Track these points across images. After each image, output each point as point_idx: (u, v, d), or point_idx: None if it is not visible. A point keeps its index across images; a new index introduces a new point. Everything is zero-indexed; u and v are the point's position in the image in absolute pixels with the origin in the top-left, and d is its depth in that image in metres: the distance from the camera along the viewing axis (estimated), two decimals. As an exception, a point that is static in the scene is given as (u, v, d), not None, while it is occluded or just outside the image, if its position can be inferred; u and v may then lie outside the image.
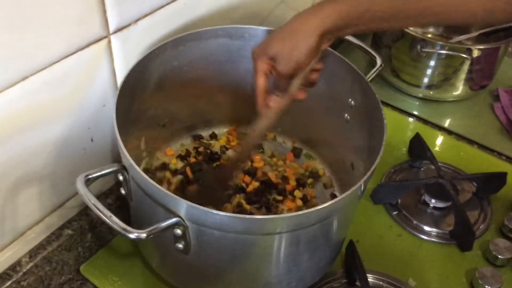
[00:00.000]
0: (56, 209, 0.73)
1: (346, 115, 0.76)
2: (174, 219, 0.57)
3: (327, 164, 0.87)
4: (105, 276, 0.77)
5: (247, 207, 0.78)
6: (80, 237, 0.75)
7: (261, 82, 0.65)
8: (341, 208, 0.62)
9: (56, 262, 0.73)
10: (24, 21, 0.54)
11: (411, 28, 1.05)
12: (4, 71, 0.55)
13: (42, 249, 0.71)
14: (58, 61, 0.60)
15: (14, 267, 0.69)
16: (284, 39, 0.63)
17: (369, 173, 0.59)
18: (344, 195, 0.58)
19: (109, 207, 0.78)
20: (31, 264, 0.69)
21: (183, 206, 0.56)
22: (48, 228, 0.73)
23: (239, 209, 0.77)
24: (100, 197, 0.78)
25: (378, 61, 0.74)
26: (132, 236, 0.54)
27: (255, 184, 0.82)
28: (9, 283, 0.67)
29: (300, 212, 0.56)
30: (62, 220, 0.74)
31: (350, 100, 0.74)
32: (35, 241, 0.71)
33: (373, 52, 0.75)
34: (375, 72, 0.73)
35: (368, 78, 0.70)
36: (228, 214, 0.55)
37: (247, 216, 0.57)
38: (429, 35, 1.22)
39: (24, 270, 0.69)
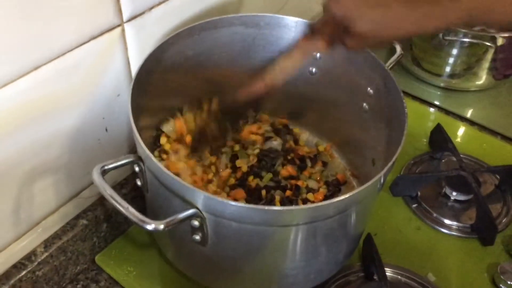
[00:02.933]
0: (71, 199, 0.73)
1: (364, 104, 0.74)
2: (191, 210, 0.56)
3: (347, 159, 0.85)
4: (120, 266, 0.76)
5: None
6: (95, 227, 0.75)
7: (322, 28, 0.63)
8: (360, 200, 0.60)
9: (71, 252, 0.73)
10: (35, 9, 0.53)
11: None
12: (16, 61, 0.55)
13: (57, 239, 0.71)
14: (70, 50, 0.59)
15: (29, 256, 0.69)
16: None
17: (389, 165, 0.57)
18: (363, 187, 0.56)
19: (124, 197, 0.76)
20: (46, 254, 0.69)
21: (200, 197, 0.55)
22: (63, 218, 0.72)
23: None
24: (115, 187, 0.78)
25: (398, 49, 0.72)
26: (149, 227, 0.53)
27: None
28: (24, 272, 0.67)
29: (318, 204, 0.55)
30: (77, 210, 0.74)
31: (368, 89, 0.72)
32: (50, 231, 0.71)
33: (392, 41, 0.73)
34: (395, 60, 0.70)
35: (388, 66, 0.68)
36: (245, 205, 0.54)
37: (265, 207, 0.56)
38: (451, 23, 1.18)
39: (39, 260, 0.69)
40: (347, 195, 0.55)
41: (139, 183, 0.65)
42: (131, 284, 0.75)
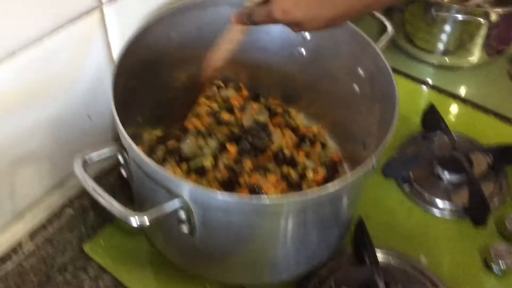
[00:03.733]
0: (56, 188, 0.71)
1: (355, 85, 0.72)
2: (177, 203, 0.54)
3: (338, 142, 0.84)
4: (108, 254, 0.75)
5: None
6: (82, 216, 0.74)
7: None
8: (352, 186, 0.59)
9: (58, 242, 0.72)
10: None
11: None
12: (-11, 49, 0.52)
13: (43, 230, 0.70)
14: (47, 35, 0.57)
15: (14, 248, 0.67)
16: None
17: (379, 150, 0.56)
18: (354, 173, 0.55)
19: (111, 186, 0.76)
20: (32, 245, 0.68)
21: (186, 188, 0.54)
22: (49, 208, 0.71)
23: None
24: (101, 175, 0.76)
25: (389, 28, 0.70)
26: (133, 222, 0.52)
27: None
28: (10, 264, 0.66)
29: (309, 195, 0.53)
30: (62, 199, 0.72)
31: (359, 69, 0.70)
32: (35, 222, 0.70)
33: (382, 18, 0.71)
34: (386, 40, 0.68)
35: (379, 46, 0.66)
36: (232, 196, 0.53)
37: (253, 200, 0.54)
38: (445, -2, 1.15)
39: (25, 251, 0.67)
40: (338, 184, 0.53)
41: (124, 173, 0.64)
42: (120, 272, 0.74)
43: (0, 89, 0.56)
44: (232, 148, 0.76)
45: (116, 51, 0.67)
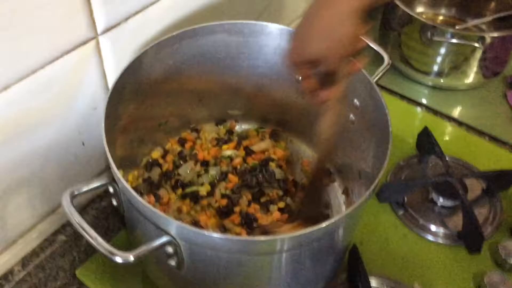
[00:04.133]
0: (48, 215, 0.70)
1: (351, 115, 0.72)
2: (164, 238, 0.54)
3: (337, 171, 0.83)
4: (101, 280, 0.75)
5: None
6: (74, 241, 0.73)
7: (309, 85, 0.61)
8: (348, 218, 0.59)
9: (50, 269, 0.71)
10: (3, 28, 0.50)
11: (420, 11, 0.99)
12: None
13: (35, 257, 0.69)
14: (42, 67, 0.57)
15: (6, 276, 0.67)
16: (320, 36, 0.54)
17: (375, 183, 0.56)
18: (352, 207, 0.55)
19: (104, 210, 0.76)
20: (23, 273, 0.67)
21: (173, 226, 0.53)
22: (41, 235, 0.70)
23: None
24: (95, 200, 0.75)
25: (386, 59, 0.70)
26: (118, 259, 0.51)
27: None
28: (1, 292, 0.66)
29: (303, 231, 0.53)
30: (55, 226, 0.72)
31: (355, 100, 0.70)
32: (27, 249, 0.69)
33: (379, 50, 0.70)
34: (382, 71, 0.68)
35: (374, 78, 0.66)
36: (219, 235, 0.52)
37: (240, 238, 0.54)
38: (441, 17, 1.16)
39: (17, 279, 0.67)
40: (334, 219, 0.53)
41: (114, 203, 0.63)
42: (112, 299, 0.73)
43: (-6, 119, 0.55)
44: (234, 179, 0.76)
45: (112, 79, 0.66)
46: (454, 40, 0.96)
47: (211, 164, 0.78)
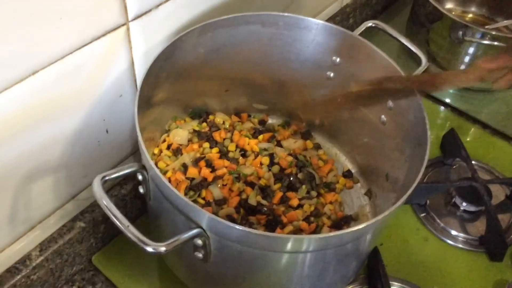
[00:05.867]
0: (69, 200, 0.69)
1: (382, 116, 0.70)
2: (195, 230, 0.53)
3: (360, 171, 0.82)
4: (117, 268, 0.74)
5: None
6: (92, 229, 0.72)
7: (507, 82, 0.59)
8: (377, 225, 0.57)
9: (67, 254, 0.70)
10: (32, 13, 0.48)
11: (449, 7, 0.96)
12: (12, 67, 0.50)
13: (53, 242, 0.68)
14: (71, 53, 0.55)
15: (23, 261, 0.66)
16: None
17: (408, 193, 0.54)
18: (384, 214, 0.53)
19: (123, 198, 0.75)
20: (41, 258, 0.67)
21: (205, 217, 0.52)
22: (60, 220, 0.69)
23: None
24: (115, 187, 0.74)
25: (423, 60, 0.68)
26: (149, 249, 0.50)
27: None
28: (18, 277, 0.65)
29: (332, 234, 0.52)
30: (74, 212, 0.71)
31: (389, 101, 0.68)
32: (46, 234, 0.68)
33: (417, 51, 0.68)
34: (419, 73, 0.66)
35: (412, 80, 0.64)
36: (252, 230, 0.51)
37: (272, 234, 0.53)
38: (470, 15, 1.13)
39: (34, 264, 0.66)
40: (365, 224, 0.52)
41: (141, 190, 0.62)
42: (127, 287, 0.72)
43: (21, 106, 0.54)
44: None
45: (139, 66, 0.64)
46: (485, 41, 0.93)
47: (248, 155, 0.77)
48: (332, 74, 0.73)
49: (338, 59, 0.71)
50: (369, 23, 0.72)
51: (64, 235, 0.69)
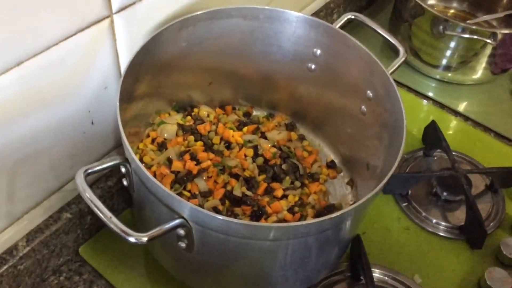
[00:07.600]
0: (54, 192, 0.70)
1: (362, 107, 0.71)
2: (177, 221, 0.54)
3: (342, 160, 0.83)
4: (104, 258, 0.75)
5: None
6: (79, 220, 0.73)
7: None
8: (356, 212, 0.59)
9: (54, 245, 0.71)
10: (17, 4, 0.49)
11: (432, 3, 0.98)
12: (-3, 57, 0.51)
13: (40, 233, 0.69)
14: (55, 44, 0.56)
15: (10, 251, 0.67)
16: None
17: (386, 179, 0.56)
18: (362, 200, 0.54)
19: (109, 189, 0.75)
20: (28, 248, 0.67)
21: (187, 208, 0.53)
22: (47, 211, 0.70)
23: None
24: (101, 179, 0.75)
25: (401, 52, 0.69)
26: (132, 239, 0.51)
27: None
28: (5, 267, 0.65)
29: (312, 221, 0.53)
30: (61, 203, 0.72)
31: (368, 91, 0.69)
32: (32, 225, 0.69)
33: (395, 42, 0.70)
34: (398, 64, 0.68)
35: (390, 71, 0.66)
36: (232, 219, 0.52)
37: (252, 223, 0.54)
38: (452, 11, 1.15)
39: (21, 254, 0.67)
40: (343, 211, 0.54)
41: (125, 183, 0.63)
42: (115, 278, 0.73)
43: (6, 94, 0.55)
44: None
45: (124, 59, 0.66)
46: (465, 35, 0.95)
47: (233, 147, 0.78)
48: (313, 66, 0.75)
49: (318, 51, 0.73)
50: (349, 15, 0.74)
51: (51, 226, 0.70)
